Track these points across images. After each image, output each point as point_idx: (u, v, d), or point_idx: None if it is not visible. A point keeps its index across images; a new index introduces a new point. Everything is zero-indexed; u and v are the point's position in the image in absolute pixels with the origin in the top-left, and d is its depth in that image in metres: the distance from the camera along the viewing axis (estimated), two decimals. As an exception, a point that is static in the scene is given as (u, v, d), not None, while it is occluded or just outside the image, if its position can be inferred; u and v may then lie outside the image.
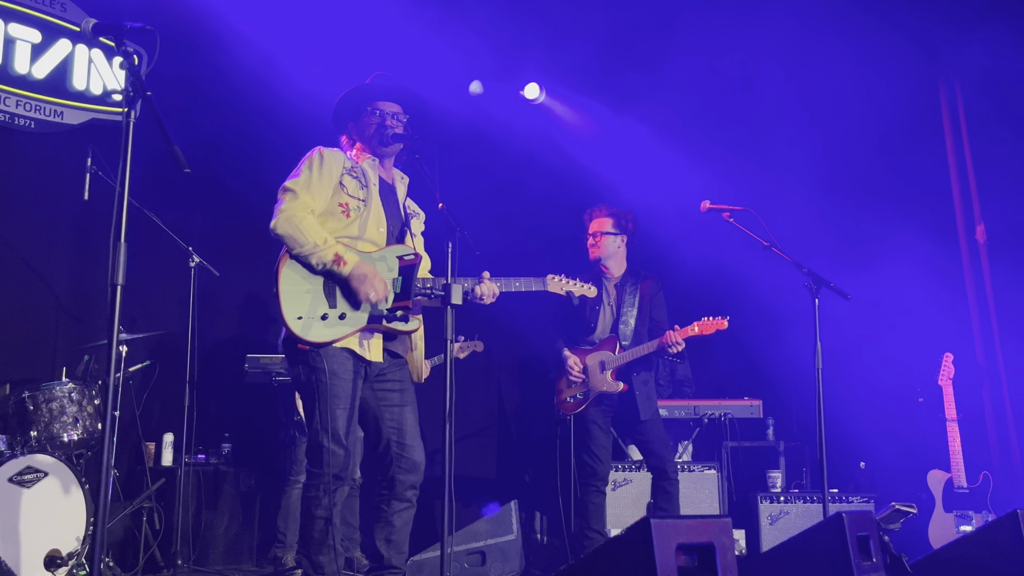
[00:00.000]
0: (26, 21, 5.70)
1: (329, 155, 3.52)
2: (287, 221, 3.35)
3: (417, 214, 3.80)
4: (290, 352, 3.43)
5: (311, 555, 3.37)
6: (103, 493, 2.51)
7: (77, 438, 4.62)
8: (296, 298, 3.34)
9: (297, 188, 3.42)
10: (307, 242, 3.33)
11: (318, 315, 3.36)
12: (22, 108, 5.64)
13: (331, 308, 3.38)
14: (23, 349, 5.48)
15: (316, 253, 3.33)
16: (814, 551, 3.43)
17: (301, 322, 3.33)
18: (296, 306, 3.34)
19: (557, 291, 3.83)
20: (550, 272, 3.86)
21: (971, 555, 3.85)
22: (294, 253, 3.36)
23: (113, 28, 2.71)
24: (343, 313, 3.39)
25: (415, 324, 3.54)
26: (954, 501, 5.54)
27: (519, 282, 3.72)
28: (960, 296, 6.07)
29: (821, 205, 6.36)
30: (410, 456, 3.50)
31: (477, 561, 5.30)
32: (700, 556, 3.00)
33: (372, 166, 3.64)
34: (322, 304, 3.37)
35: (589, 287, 3.93)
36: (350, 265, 3.36)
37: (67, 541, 4.33)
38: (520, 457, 7.32)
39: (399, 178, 3.76)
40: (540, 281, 3.79)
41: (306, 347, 3.33)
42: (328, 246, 3.35)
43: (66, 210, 5.67)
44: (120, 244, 2.56)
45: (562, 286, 3.84)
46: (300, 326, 3.32)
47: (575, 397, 5.01)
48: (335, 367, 3.35)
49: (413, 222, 3.72)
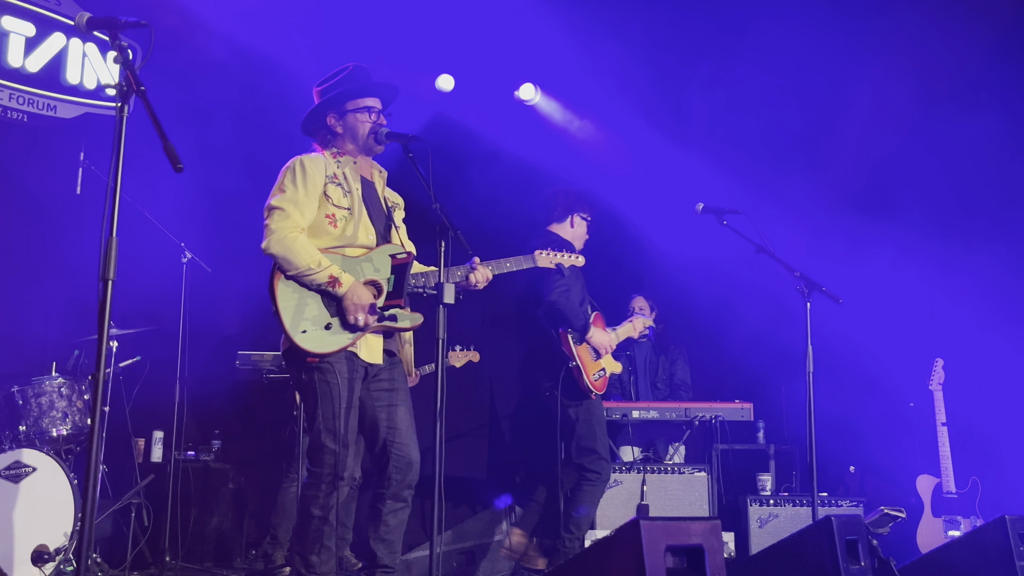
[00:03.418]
0: (20, 14, 5.68)
1: (310, 164, 3.46)
2: (279, 243, 3.33)
3: (397, 204, 3.78)
4: (292, 359, 3.44)
5: (304, 553, 3.37)
6: (91, 489, 2.50)
7: (66, 433, 4.60)
8: (297, 312, 3.35)
9: (284, 206, 3.38)
10: (301, 265, 3.33)
11: (321, 325, 3.36)
12: (15, 101, 5.63)
13: (332, 317, 3.39)
14: (13, 343, 5.46)
15: (310, 276, 3.34)
16: (803, 554, 3.44)
17: (306, 336, 3.33)
18: (298, 320, 3.34)
19: (547, 265, 3.88)
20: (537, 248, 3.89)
21: (959, 560, 3.86)
22: (288, 274, 3.35)
23: (108, 22, 2.70)
24: (347, 322, 3.40)
25: (417, 318, 3.55)
26: (943, 506, 5.56)
27: (509, 262, 3.75)
28: (951, 300, 6.09)
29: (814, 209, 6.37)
30: (405, 455, 3.50)
31: (466, 561, 5.30)
32: (689, 558, 3.01)
33: (352, 166, 3.58)
34: (323, 314, 3.38)
35: (576, 256, 3.99)
36: (345, 287, 3.36)
37: (55, 536, 4.31)
38: (511, 458, 7.32)
39: (377, 172, 3.73)
40: (529, 258, 3.83)
41: (315, 359, 3.33)
42: (322, 269, 3.34)
43: (58, 204, 5.64)
44: (112, 239, 2.55)
45: (551, 259, 3.89)
46: (306, 340, 3.33)
47: (599, 374, 4.95)
48: (337, 368, 3.36)
49: (395, 214, 3.70)
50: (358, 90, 3.60)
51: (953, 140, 6.26)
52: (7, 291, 5.49)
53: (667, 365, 6.50)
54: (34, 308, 5.60)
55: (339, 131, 3.60)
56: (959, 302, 5.98)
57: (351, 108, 3.58)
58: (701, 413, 5.80)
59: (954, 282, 6.02)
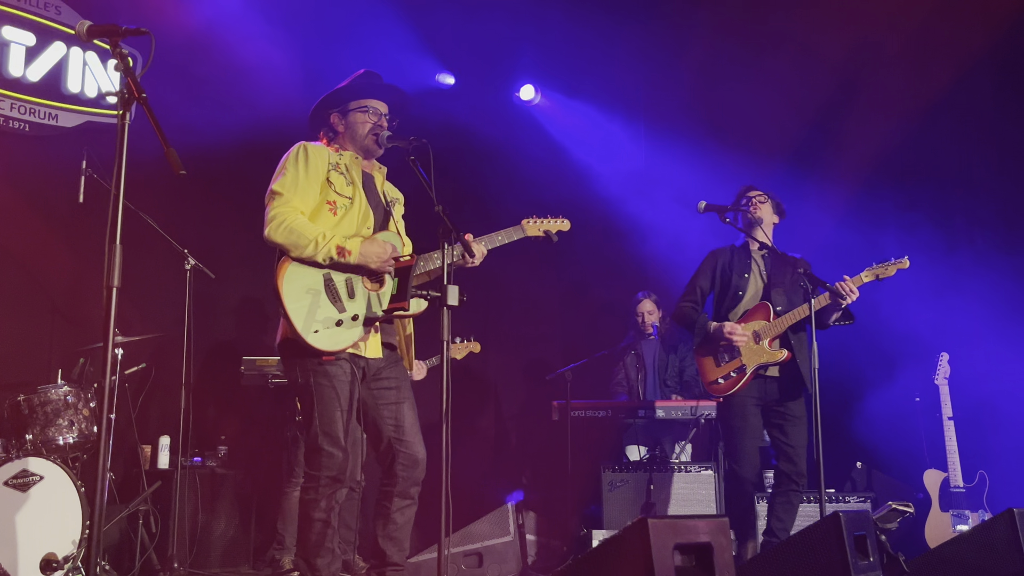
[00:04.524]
0: (20, 24, 5.69)
1: (313, 151, 3.49)
2: (280, 226, 3.33)
3: (397, 199, 3.79)
4: (286, 356, 3.43)
5: (308, 558, 3.36)
6: (99, 496, 2.50)
7: (73, 441, 4.60)
8: (307, 312, 3.33)
9: (284, 191, 3.39)
10: (307, 242, 3.31)
11: (333, 323, 3.35)
12: (16, 111, 5.64)
13: (341, 312, 3.38)
14: (19, 352, 5.47)
15: (319, 250, 3.32)
16: (811, 551, 3.43)
17: (319, 335, 3.31)
18: (310, 321, 3.32)
19: (536, 234, 3.90)
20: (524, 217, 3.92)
21: (967, 554, 3.85)
22: (295, 256, 3.33)
23: (108, 30, 2.71)
24: (355, 314, 3.40)
25: (420, 304, 3.56)
26: (950, 500, 5.55)
27: (501, 235, 3.80)
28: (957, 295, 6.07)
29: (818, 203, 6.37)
30: (411, 452, 3.49)
31: (474, 563, 5.30)
32: (697, 556, 3.00)
33: (355, 162, 3.61)
34: (331, 310, 3.36)
35: (562, 221, 3.97)
36: (355, 252, 3.37)
37: (63, 545, 4.31)
38: (517, 458, 7.32)
39: (377, 168, 3.74)
40: (519, 229, 3.87)
41: (331, 357, 3.32)
42: (328, 240, 3.34)
43: (61, 213, 5.65)
44: (115, 247, 2.55)
45: (539, 227, 3.90)
46: (319, 339, 3.31)
47: (728, 376, 4.80)
48: (333, 370, 3.35)
49: (395, 208, 3.71)
50: (361, 90, 3.64)
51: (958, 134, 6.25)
52: (12, 300, 5.50)
53: (676, 362, 6.49)
54: (39, 316, 5.61)
55: (340, 129, 3.63)
56: (964, 295, 5.97)
57: (353, 107, 3.62)
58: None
59: (960, 275, 6.01)
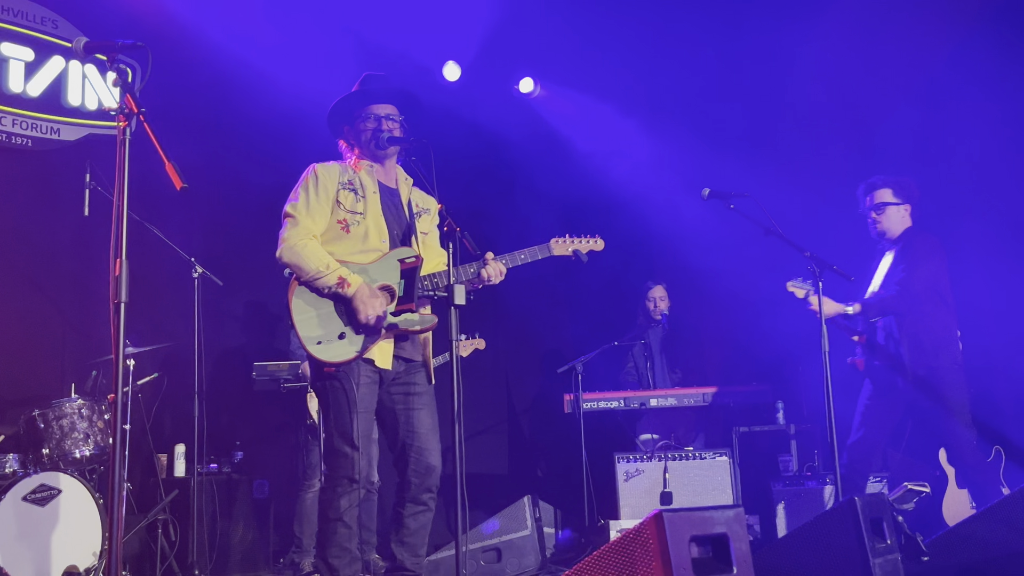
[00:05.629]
0: (19, 40, 5.71)
1: (324, 172, 3.56)
2: (290, 250, 3.45)
3: (427, 210, 3.77)
4: (312, 368, 3.54)
5: (327, 558, 3.40)
6: (116, 507, 2.52)
7: (89, 454, 4.64)
8: (311, 324, 3.42)
9: (297, 213, 3.49)
10: (311, 269, 3.42)
11: (335, 335, 3.42)
12: (18, 127, 5.65)
13: (346, 325, 3.44)
14: (31, 367, 5.50)
15: (320, 279, 3.42)
16: (828, 536, 3.43)
17: (321, 346, 3.40)
18: (313, 332, 3.41)
19: (564, 253, 3.73)
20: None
21: (987, 531, 3.84)
22: (301, 280, 3.44)
23: (105, 46, 2.72)
24: (360, 328, 3.44)
25: (431, 319, 3.56)
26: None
27: (524, 254, 3.65)
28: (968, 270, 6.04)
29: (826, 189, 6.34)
30: (424, 459, 3.51)
31: (493, 558, 5.31)
32: (714, 547, 3.00)
33: (370, 172, 3.64)
34: (337, 324, 3.43)
35: (595, 240, 3.82)
36: (354, 287, 3.42)
37: (84, 557, 4.35)
38: (532, 452, 7.33)
39: (403, 179, 3.75)
40: (545, 248, 3.71)
41: (332, 368, 3.39)
42: (331, 271, 3.42)
43: (67, 226, 5.67)
44: (121, 262, 2.56)
45: (567, 246, 3.74)
46: (321, 351, 3.40)
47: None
48: (353, 375, 3.41)
49: (421, 220, 3.70)
50: (362, 96, 3.67)
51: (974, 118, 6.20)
52: (23, 315, 5.52)
53: (684, 350, 6.49)
54: (50, 330, 5.64)
55: (352, 140, 3.71)
56: (975, 272, 5.93)
57: (358, 115, 3.67)
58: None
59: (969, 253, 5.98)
